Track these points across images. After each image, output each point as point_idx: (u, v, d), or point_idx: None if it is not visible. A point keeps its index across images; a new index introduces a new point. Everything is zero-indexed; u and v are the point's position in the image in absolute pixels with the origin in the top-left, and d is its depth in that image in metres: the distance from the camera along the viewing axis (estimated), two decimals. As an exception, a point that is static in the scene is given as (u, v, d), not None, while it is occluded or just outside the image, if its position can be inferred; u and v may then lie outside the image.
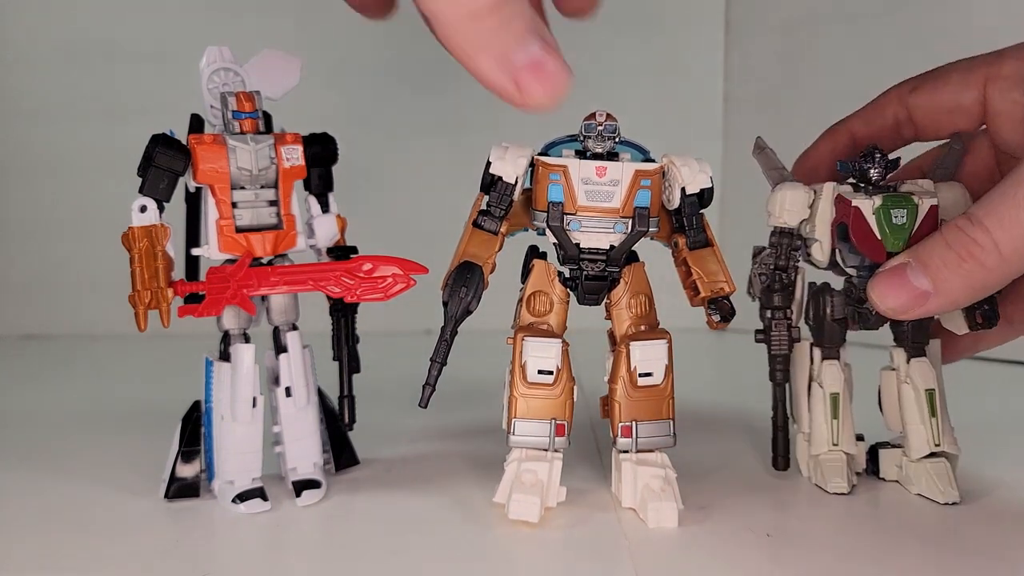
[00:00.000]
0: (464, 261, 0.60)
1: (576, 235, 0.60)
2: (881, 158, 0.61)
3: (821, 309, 0.65)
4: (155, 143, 0.59)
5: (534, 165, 0.61)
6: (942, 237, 0.56)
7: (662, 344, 0.61)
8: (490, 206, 0.61)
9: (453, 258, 0.61)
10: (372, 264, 0.61)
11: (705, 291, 0.62)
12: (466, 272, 0.59)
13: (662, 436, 0.61)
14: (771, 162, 0.67)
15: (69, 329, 1.22)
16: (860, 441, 0.66)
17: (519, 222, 0.63)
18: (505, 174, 0.60)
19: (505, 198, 0.60)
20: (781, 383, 0.65)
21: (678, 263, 0.64)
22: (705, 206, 0.62)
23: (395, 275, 0.60)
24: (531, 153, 0.61)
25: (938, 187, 0.63)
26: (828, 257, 0.63)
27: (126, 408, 0.86)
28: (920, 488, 0.63)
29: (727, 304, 0.62)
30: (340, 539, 0.58)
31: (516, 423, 0.60)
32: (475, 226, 0.61)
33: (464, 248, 0.61)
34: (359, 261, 0.61)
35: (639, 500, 0.60)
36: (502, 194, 0.60)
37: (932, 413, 0.63)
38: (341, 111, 1.17)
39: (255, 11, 1.19)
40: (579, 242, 0.60)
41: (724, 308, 0.62)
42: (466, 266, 0.60)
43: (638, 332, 0.62)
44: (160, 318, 0.58)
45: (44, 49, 1.19)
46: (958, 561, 0.53)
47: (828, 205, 0.62)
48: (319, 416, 0.66)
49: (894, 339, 0.65)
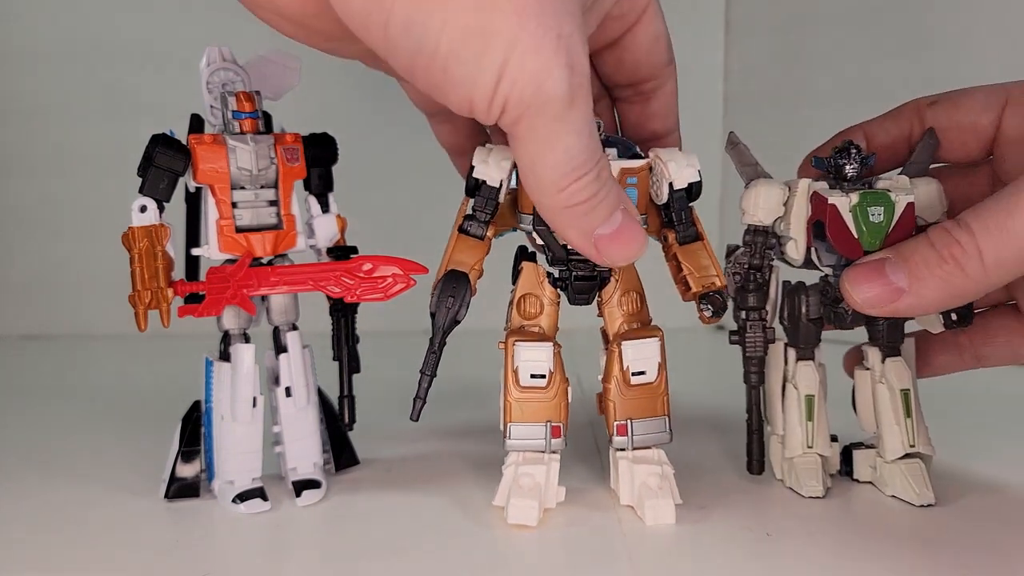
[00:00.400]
0: (450, 271, 0.60)
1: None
2: (857, 154, 0.60)
3: (796, 309, 0.63)
4: (155, 143, 0.59)
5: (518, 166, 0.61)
6: (927, 237, 0.55)
7: (654, 342, 0.61)
8: (475, 211, 0.60)
9: (440, 266, 0.60)
10: (372, 264, 0.61)
11: (696, 286, 0.62)
12: (452, 282, 0.59)
13: (658, 433, 0.61)
14: (744, 158, 0.65)
15: (69, 329, 1.22)
16: (834, 442, 0.65)
17: (507, 223, 0.62)
18: (489, 177, 0.59)
19: (490, 202, 0.60)
20: (756, 385, 0.63)
21: (668, 258, 0.64)
22: (693, 200, 0.62)
23: (395, 275, 0.60)
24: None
25: (916, 183, 0.62)
26: (803, 256, 0.62)
27: (126, 408, 0.86)
28: (895, 490, 0.62)
29: (719, 298, 0.61)
30: (340, 539, 0.58)
31: (511, 427, 0.60)
32: (461, 232, 0.61)
33: (450, 255, 0.60)
34: (359, 261, 0.61)
35: (636, 497, 0.60)
36: (487, 198, 0.60)
37: (907, 413, 0.62)
38: (341, 111, 1.16)
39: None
40: (566, 244, 0.60)
41: (716, 302, 0.61)
42: (452, 275, 0.59)
43: (630, 330, 0.62)
44: (160, 318, 0.58)
45: (44, 49, 1.19)
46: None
47: (804, 202, 0.61)
48: (319, 416, 0.66)
49: (869, 338, 0.64)
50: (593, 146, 0.51)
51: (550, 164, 0.50)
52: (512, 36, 0.46)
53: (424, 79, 0.48)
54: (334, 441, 0.68)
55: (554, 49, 0.47)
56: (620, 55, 0.62)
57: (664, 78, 0.64)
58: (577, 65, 0.48)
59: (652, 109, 0.65)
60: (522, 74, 0.47)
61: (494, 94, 0.47)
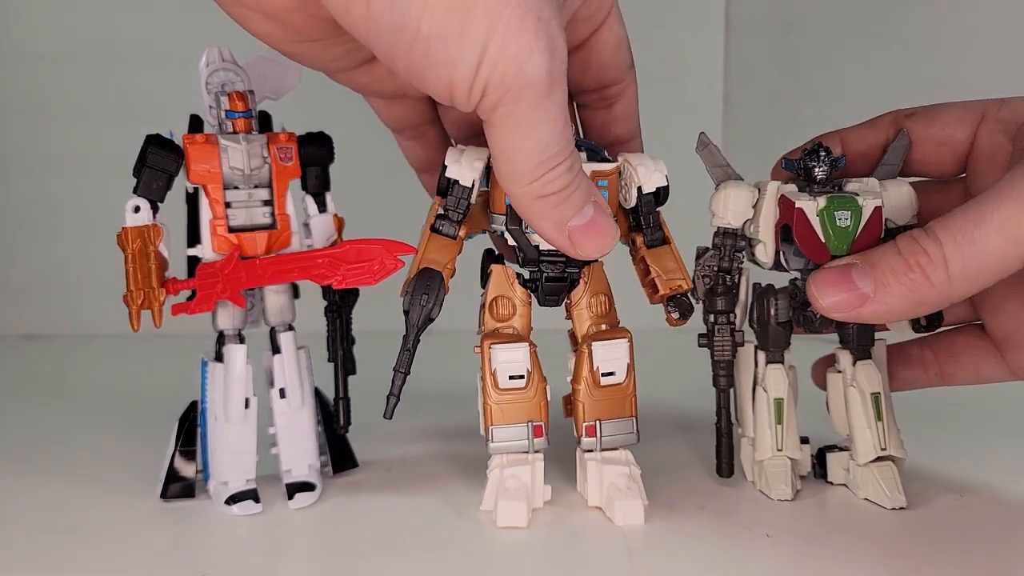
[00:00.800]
0: (424, 268, 0.59)
1: (535, 237, 0.60)
2: (826, 156, 0.60)
3: (765, 312, 0.63)
4: (148, 143, 0.59)
5: (491, 168, 0.61)
6: (895, 244, 0.55)
7: (623, 343, 0.61)
8: (447, 210, 0.60)
9: (412, 264, 0.60)
10: (357, 247, 0.60)
11: (664, 288, 0.62)
12: (426, 279, 0.59)
13: (625, 434, 0.61)
14: (715, 159, 0.65)
15: (69, 329, 1.22)
16: (805, 444, 0.65)
17: (477, 224, 0.62)
18: (462, 177, 0.60)
19: (462, 202, 0.60)
20: (725, 388, 0.63)
21: (636, 261, 0.64)
22: (661, 204, 0.62)
23: (382, 257, 0.60)
24: (487, 156, 0.60)
25: (884, 184, 0.61)
26: (773, 258, 0.62)
27: (125, 408, 0.86)
28: (867, 493, 0.62)
29: (685, 301, 0.62)
30: (339, 540, 0.58)
31: (494, 430, 0.60)
32: (433, 231, 0.61)
33: (423, 254, 0.60)
34: (343, 246, 0.60)
35: (605, 498, 0.60)
36: (459, 198, 0.60)
37: (878, 417, 0.62)
38: (341, 111, 1.16)
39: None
40: (538, 244, 0.60)
41: (683, 305, 0.62)
42: (426, 273, 0.59)
43: (599, 332, 0.62)
44: (152, 318, 0.58)
45: (44, 49, 1.19)
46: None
47: (772, 205, 0.61)
48: (316, 418, 0.66)
49: (840, 341, 0.64)
50: (567, 136, 0.51)
51: (524, 152, 0.50)
52: (494, 16, 0.46)
53: (405, 62, 0.48)
54: (332, 443, 0.68)
55: (534, 32, 0.47)
56: (587, 58, 0.62)
57: (627, 82, 0.64)
58: (557, 50, 0.48)
59: (616, 113, 0.65)
60: (503, 56, 0.47)
61: (475, 76, 0.47)
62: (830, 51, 1.14)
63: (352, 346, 0.67)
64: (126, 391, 0.94)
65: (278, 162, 0.62)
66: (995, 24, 1.02)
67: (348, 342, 0.66)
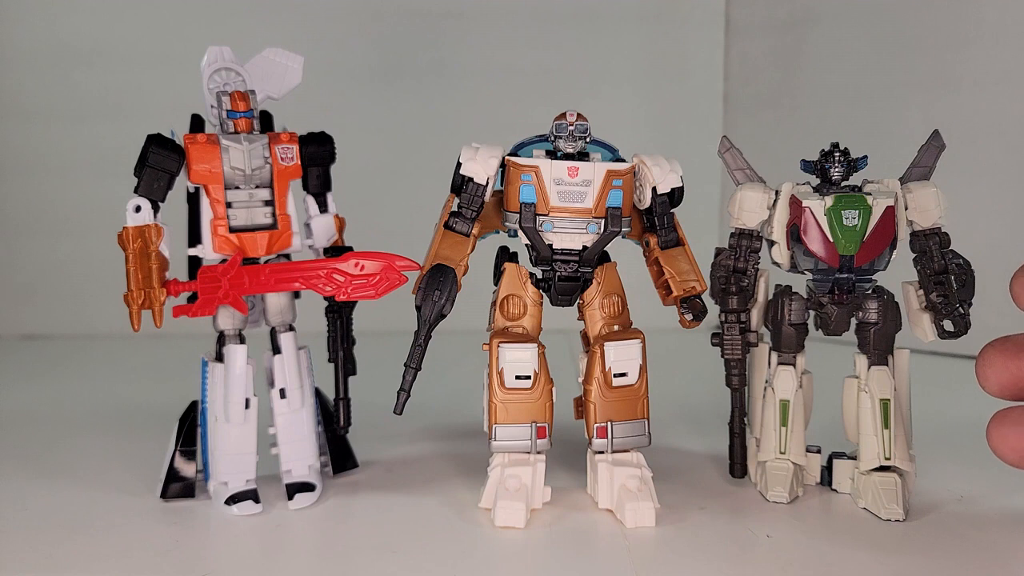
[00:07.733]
0: (436, 264, 0.60)
1: (549, 236, 0.60)
2: (842, 156, 0.60)
3: (779, 313, 0.63)
4: (149, 143, 0.59)
5: (505, 166, 0.61)
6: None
7: (636, 344, 0.61)
8: (461, 207, 0.61)
9: (424, 261, 0.61)
10: (362, 261, 0.60)
11: (677, 290, 0.62)
12: (439, 275, 0.59)
13: (637, 436, 0.61)
14: (737, 162, 0.65)
15: (69, 329, 1.22)
16: (816, 453, 0.65)
17: (490, 224, 0.62)
18: (476, 175, 0.60)
19: (476, 199, 0.60)
20: (737, 388, 0.63)
21: (650, 263, 0.64)
22: (676, 205, 0.62)
23: (386, 271, 0.60)
24: (502, 153, 0.61)
25: (911, 186, 0.61)
26: (788, 260, 0.62)
27: (126, 408, 0.86)
28: (866, 502, 0.61)
29: (699, 303, 0.62)
30: (340, 540, 0.58)
31: (497, 429, 0.60)
32: (446, 228, 0.61)
33: (436, 251, 0.61)
34: (348, 258, 0.60)
35: (616, 501, 0.60)
36: (473, 195, 0.60)
37: (885, 424, 0.60)
38: (342, 110, 1.16)
39: (256, 11, 1.19)
40: (552, 243, 0.60)
41: (696, 307, 0.62)
42: (439, 269, 0.59)
43: (611, 332, 0.62)
44: (152, 318, 0.58)
45: (44, 49, 1.19)
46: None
47: (784, 205, 0.61)
48: (316, 418, 0.66)
49: (858, 345, 0.63)
50: None
51: None
52: None
53: None
54: (333, 444, 0.68)
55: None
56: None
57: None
58: None
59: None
60: None
61: None
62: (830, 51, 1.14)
63: (353, 346, 0.67)
64: (126, 391, 0.94)
65: (279, 162, 0.62)
66: (996, 24, 1.02)
67: (349, 342, 0.66)
